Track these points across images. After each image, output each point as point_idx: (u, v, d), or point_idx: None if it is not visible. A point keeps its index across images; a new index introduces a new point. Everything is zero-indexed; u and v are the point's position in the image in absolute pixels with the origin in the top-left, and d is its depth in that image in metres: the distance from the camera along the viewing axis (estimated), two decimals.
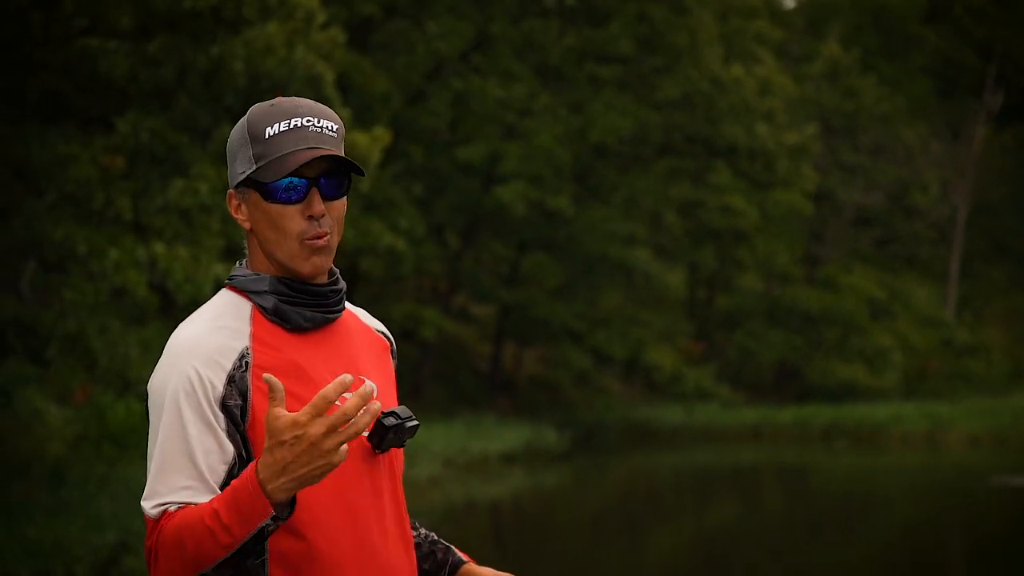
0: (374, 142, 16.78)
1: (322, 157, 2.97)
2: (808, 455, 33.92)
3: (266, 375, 2.75)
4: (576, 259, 36.09)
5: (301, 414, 2.71)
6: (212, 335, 2.94)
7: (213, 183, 14.01)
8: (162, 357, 2.94)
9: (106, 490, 15.43)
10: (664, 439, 36.55)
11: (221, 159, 14.05)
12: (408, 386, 34.36)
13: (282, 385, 2.75)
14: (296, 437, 2.71)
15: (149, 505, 2.83)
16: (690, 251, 40.20)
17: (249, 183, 2.97)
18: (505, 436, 29.92)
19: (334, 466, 2.74)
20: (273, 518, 2.75)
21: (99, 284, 14.36)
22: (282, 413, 2.73)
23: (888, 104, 46.17)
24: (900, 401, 40.50)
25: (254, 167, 2.95)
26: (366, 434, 2.97)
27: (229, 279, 3.05)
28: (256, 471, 2.74)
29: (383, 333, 3.26)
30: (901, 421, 37.07)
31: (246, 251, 3.08)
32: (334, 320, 3.06)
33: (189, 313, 3.10)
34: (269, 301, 2.98)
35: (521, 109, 34.23)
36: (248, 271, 3.03)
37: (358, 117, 28.72)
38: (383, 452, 2.99)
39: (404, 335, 36.03)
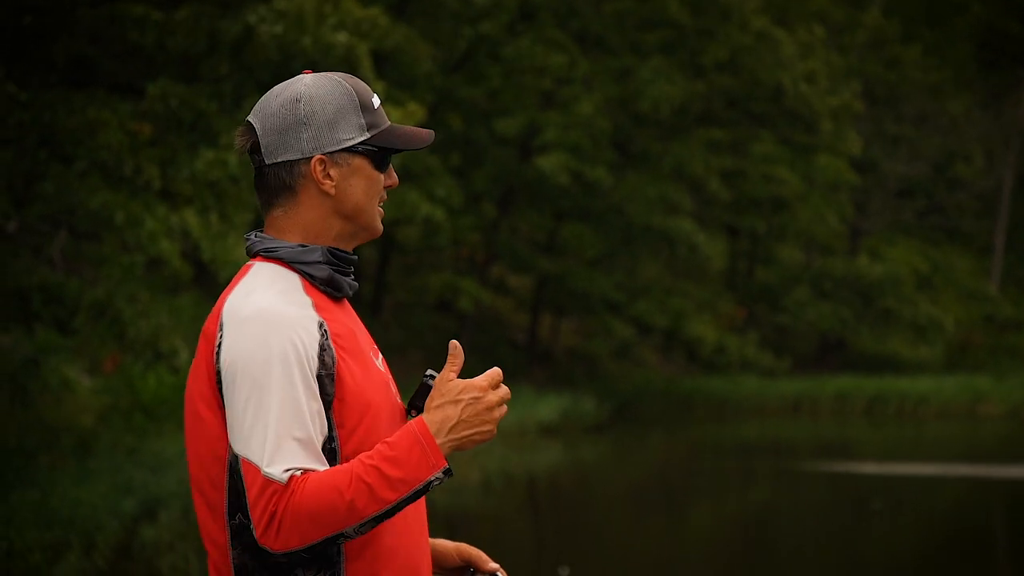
0: (407, 116, 16.57)
1: None
2: (850, 429, 33.60)
3: (452, 342, 2.97)
4: (615, 229, 35.78)
5: (481, 379, 2.95)
6: (289, 306, 2.97)
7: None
8: (241, 330, 2.94)
9: (134, 460, 15.32)
10: (703, 412, 36.29)
11: None
12: (444, 357, 34.12)
13: (462, 351, 2.97)
14: (475, 398, 2.93)
15: (279, 470, 2.85)
16: (733, 219, 39.87)
17: (356, 150, 3.06)
18: (543, 408, 29.69)
19: (492, 436, 2.94)
20: (445, 472, 2.88)
21: (134, 255, 14.23)
22: (456, 376, 2.96)
23: (932, 74, 45.63)
24: (942, 374, 40.13)
25: (367, 135, 3.06)
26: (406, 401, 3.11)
27: (268, 251, 3.06)
28: (426, 424, 2.90)
29: None
30: (943, 394, 36.72)
31: (283, 219, 3.07)
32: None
33: (225, 287, 3.05)
34: (323, 271, 3.04)
35: (561, 77, 33.94)
36: (285, 242, 3.06)
37: (398, 86, 28.48)
38: (420, 413, 3.03)
39: (441, 306, 35.82)
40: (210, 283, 19.81)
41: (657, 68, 34.73)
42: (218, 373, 2.95)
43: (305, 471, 2.86)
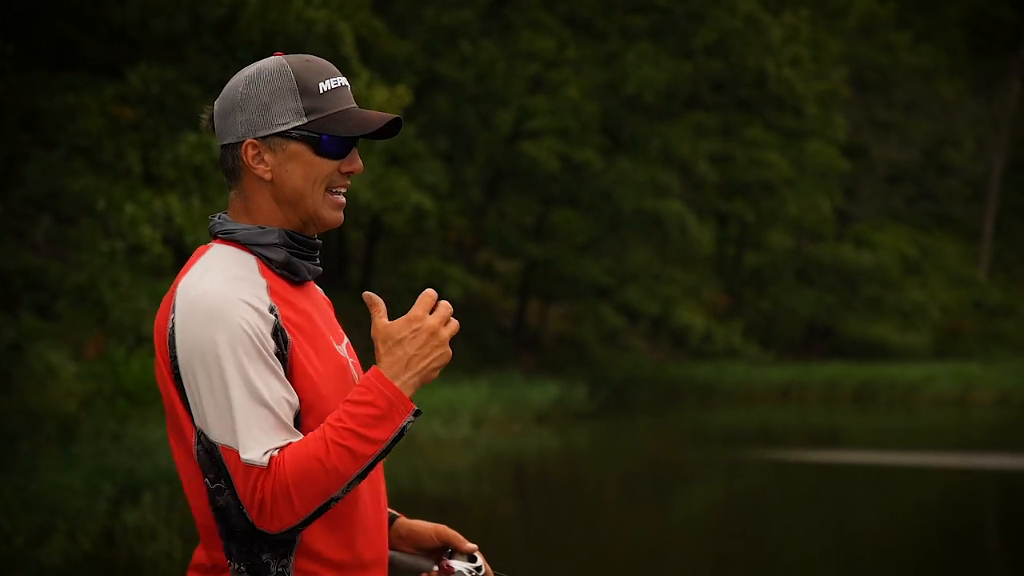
0: (393, 98, 16.43)
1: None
2: (839, 416, 33.54)
3: (365, 293, 2.97)
4: (605, 213, 35.65)
5: (415, 310, 2.93)
6: (239, 289, 2.96)
7: None
8: (188, 314, 2.93)
9: (117, 446, 15.20)
10: (692, 399, 36.20)
11: None
12: None
13: (378, 298, 2.97)
14: (415, 330, 2.92)
15: (258, 454, 2.85)
16: (722, 204, 39.78)
17: (291, 135, 3.01)
18: (532, 394, 29.59)
19: (449, 358, 2.94)
20: (415, 413, 2.89)
21: (114, 241, 14.12)
22: (388, 320, 2.95)
23: (923, 58, 45.51)
24: (931, 361, 40.06)
25: (305, 120, 3.01)
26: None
27: (226, 233, 3.06)
28: (382, 372, 2.89)
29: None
30: (932, 381, 36.66)
31: (237, 202, 3.08)
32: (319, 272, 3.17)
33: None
34: (280, 254, 3.03)
35: (549, 62, 33.80)
36: (244, 224, 3.05)
37: (382, 74, 28.34)
38: None
39: None
40: None
41: (644, 52, 34.61)
42: (173, 358, 2.95)
43: (282, 449, 2.87)
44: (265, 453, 2.86)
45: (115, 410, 16.31)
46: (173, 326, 2.94)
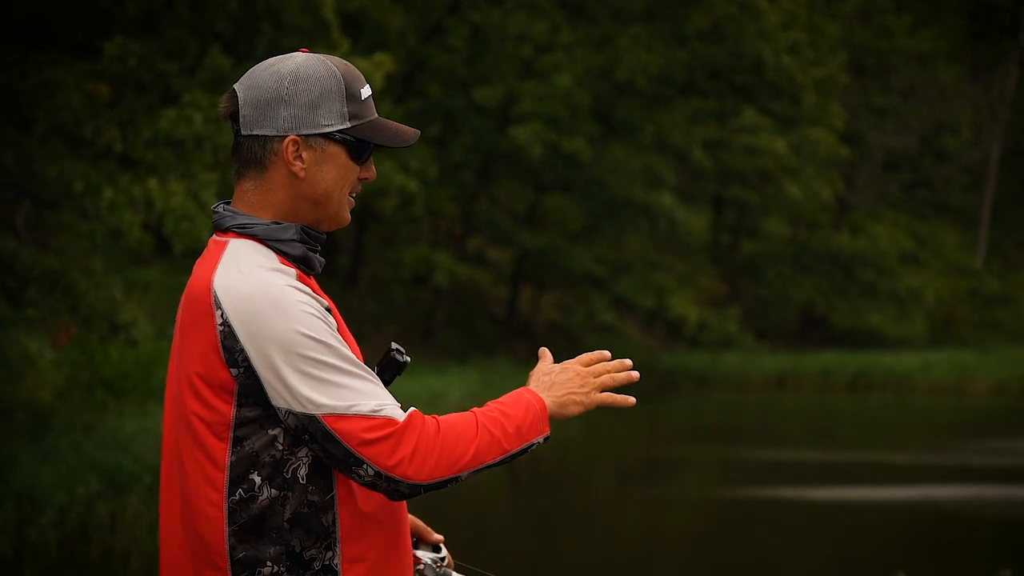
0: (375, 67, 16.11)
1: None
2: (835, 404, 33.27)
3: (541, 349, 3.35)
4: (597, 201, 35.32)
5: (573, 360, 3.30)
6: (283, 278, 3.02)
7: (207, 112, 13.29)
8: (251, 310, 2.97)
9: (93, 437, 14.87)
10: (687, 388, 35.92)
11: (214, 87, 13.33)
12: (420, 330, 33.68)
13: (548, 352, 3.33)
14: (564, 368, 3.27)
15: (394, 409, 2.98)
16: (719, 191, 39.45)
17: (333, 137, 3.07)
18: (522, 382, 29.23)
19: (592, 400, 3.29)
20: (545, 438, 3.17)
21: (93, 225, 13.77)
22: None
23: (922, 43, 45.18)
24: (927, 350, 39.80)
25: (349, 124, 3.08)
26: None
27: (242, 227, 3.08)
28: (534, 392, 3.19)
29: None
30: (928, 370, 36.40)
31: (253, 193, 3.10)
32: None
33: (191, 260, 3.02)
34: (298, 249, 3.10)
35: (541, 45, 33.44)
36: (261, 219, 3.08)
37: (372, 50, 27.99)
38: (388, 385, 3.15)
39: (418, 279, 35.35)
40: (175, 257, 19.29)
41: (636, 36, 34.27)
42: (236, 351, 2.97)
43: (415, 410, 3.01)
44: (400, 407, 2.99)
45: (92, 400, 15.96)
46: (227, 325, 2.97)
